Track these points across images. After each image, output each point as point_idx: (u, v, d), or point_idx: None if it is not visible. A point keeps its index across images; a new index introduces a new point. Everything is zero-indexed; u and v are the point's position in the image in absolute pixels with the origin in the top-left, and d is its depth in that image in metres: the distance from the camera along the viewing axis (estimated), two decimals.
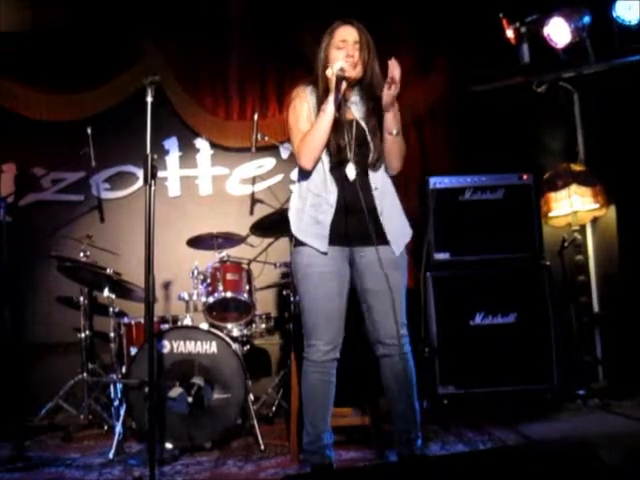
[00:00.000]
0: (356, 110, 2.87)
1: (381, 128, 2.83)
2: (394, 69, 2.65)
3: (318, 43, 2.88)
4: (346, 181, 2.79)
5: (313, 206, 2.82)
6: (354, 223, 2.80)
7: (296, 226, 2.87)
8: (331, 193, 2.79)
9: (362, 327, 2.92)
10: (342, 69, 2.70)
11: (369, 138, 2.83)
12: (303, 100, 2.86)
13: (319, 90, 2.84)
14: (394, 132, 2.80)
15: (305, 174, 2.86)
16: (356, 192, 2.75)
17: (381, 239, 2.81)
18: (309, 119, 2.82)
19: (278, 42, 5.14)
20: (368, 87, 2.85)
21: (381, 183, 2.87)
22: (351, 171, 2.78)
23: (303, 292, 2.85)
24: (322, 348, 2.81)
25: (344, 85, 2.73)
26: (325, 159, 2.81)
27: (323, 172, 2.81)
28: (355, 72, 2.78)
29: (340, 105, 2.72)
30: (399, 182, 4.97)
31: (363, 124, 2.84)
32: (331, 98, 2.71)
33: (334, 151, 2.79)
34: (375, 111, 2.84)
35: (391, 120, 2.78)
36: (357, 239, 2.82)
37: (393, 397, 2.86)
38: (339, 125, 2.78)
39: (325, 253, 2.79)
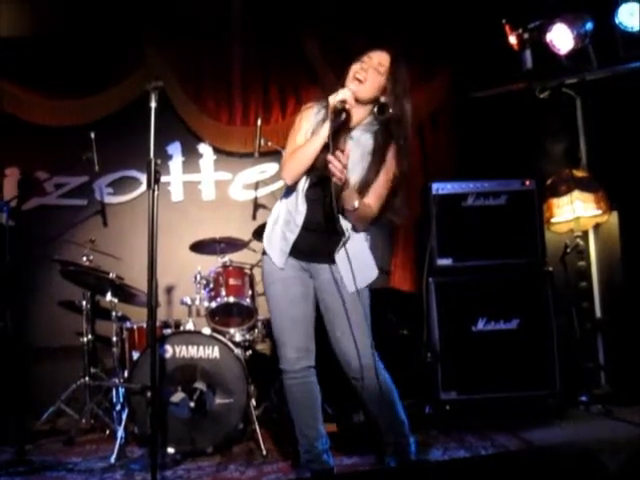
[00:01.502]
0: (353, 146, 2.71)
1: (369, 174, 2.73)
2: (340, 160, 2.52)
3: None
4: (320, 203, 2.73)
5: (285, 221, 2.81)
6: (317, 241, 2.77)
7: (267, 235, 2.86)
8: (300, 214, 2.76)
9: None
10: (343, 100, 2.61)
11: (354, 177, 2.69)
12: (307, 116, 2.81)
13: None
14: (355, 206, 2.65)
15: (287, 188, 2.84)
16: (328, 214, 2.67)
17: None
18: (306, 136, 2.77)
19: (281, 47, 5.16)
20: (382, 123, 2.72)
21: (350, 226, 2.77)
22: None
23: (268, 299, 2.85)
24: (292, 355, 2.78)
25: (343, 117, 2.65)
26: (305, 180, 2.75)
27: (297, 191, 2.78)
28: (359, 90, 2.67)
29: (338, 135, 2.63)
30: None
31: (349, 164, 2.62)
32: (326, 124, 2.62)
33: (317, 173, 2.70)
34: (384, 150, 2.74)
35: (346, 198, 2.63)
36: (319, 256, 2.80)
37: (374, 415, 2.82)
38: (329, 149, 2.60)
39: (282, 269, 2.78)
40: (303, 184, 2.77)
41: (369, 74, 2.69)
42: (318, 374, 2.86)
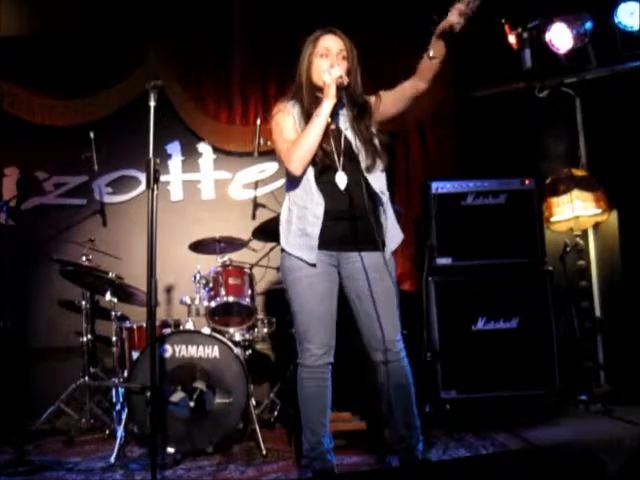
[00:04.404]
0: (341, 119, 2.86)
1: (369, 132, 2.84)
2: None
3: None
4: (336, 189, 2.78)
5: (299, 218, 2.81)
6: (344, 230, 2.79)
7: (285, 239, 2.86)
8: (318, 205, 2.77)
9: (358, 332, 2.91)
10: (342, 76, 2.71)
11: (356, 146, 2.80)
12: (286, 113, 2.85)
13: (304, 97, 2.83)
14: (437, 58, 2.79)
15: (291, 185, 2.86)
16: (347, 200, 2.75)
17: (372, 244, 2.78)
18: (295, 130, 2.81)
19: (281, 47, 5.15)
20: (351, 95, 2.80)
21: (385, 186, 2.86)
22: (341, 180, 2.77)
23: (293, 296, 2.84)
24: (315, 352, 2.80)
25: (343, 92, 2.73)
26: (310, 170, 2.79)
27: (308, 183, 2.79)
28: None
29: (334, 112, 2.75)
30: (401, 187, 5.08)
31: (349, 133, 2.83)
32: (325, 103, 2.71)
33: (320, 161, 2.77)
34: (361, 117, 2.83)
35: (440, 47, 2.78)
36: (347, 245, 2.81)
37: (392, 403, 2.84)
38: (325, 135, 2.77)
39: (314, 264, 2.78)
40: (310, 176, 2.79)
41: (342, 66, 2.78)
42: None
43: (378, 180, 2.85)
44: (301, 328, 2.83)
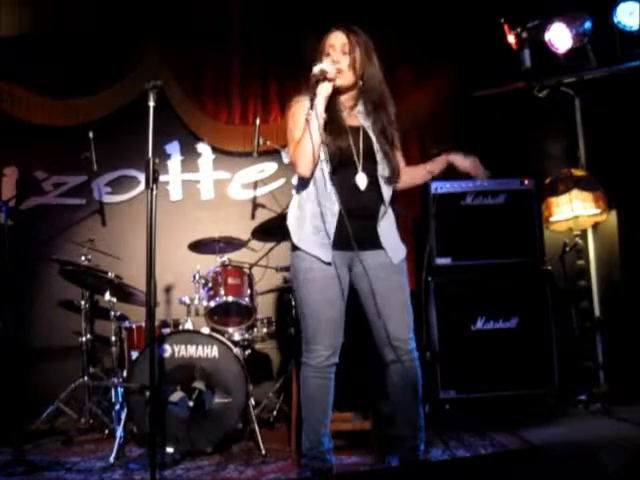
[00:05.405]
0: (363, 118, 2.84)
1: (386, 134, 2.83)
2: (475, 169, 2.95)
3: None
4: (350, 188, 2.76)
5: (314, 214, 2.79)
6: (357, 229, 2.75)
7: (297, 236, 2.82)
8: (334, 202, 2.75)
9: (367, 331, 2.91)
10: (322, 70, 2.67)
11: (376, 147, 2.80)
12: (301, 108, 2.81)
13: None
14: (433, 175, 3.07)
15: (304, 182, 2.82)
16: (362, 199, 2.74)
17: (380, 244, 2.83)
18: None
19: (281, 46, 5.16)
20: (368, 91, 2.80)
21: (389, 197, 2.85)
22: (362, 180, 2.76)
23: (304, 297, 2.81)
24: (323, 353, 2.79)
25: (326, 87, 2.68)
26: (326, 167, 2.76)
27: (324, 180, 2.76)
28: (342, 78, 2.74)
29: (339, 114, 2.74)
30: None
31: (370, 132, 2.82)
32: (315, 102, 2.67)
33: (336, 158, 2.74)
34: (379, 116, 2.82)
35: (439, 168, 3.06)
36: (359, 244, 2.78)
37: (399, 402, 2.84)
38: (342, 131, 2.76)
39: (329, 263, 2.76)
40: (326, 173, 2.75)
41: (342, 63, 2.75)
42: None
43: (388, 190, 2.84)
44: (310, 330, 2.80)
